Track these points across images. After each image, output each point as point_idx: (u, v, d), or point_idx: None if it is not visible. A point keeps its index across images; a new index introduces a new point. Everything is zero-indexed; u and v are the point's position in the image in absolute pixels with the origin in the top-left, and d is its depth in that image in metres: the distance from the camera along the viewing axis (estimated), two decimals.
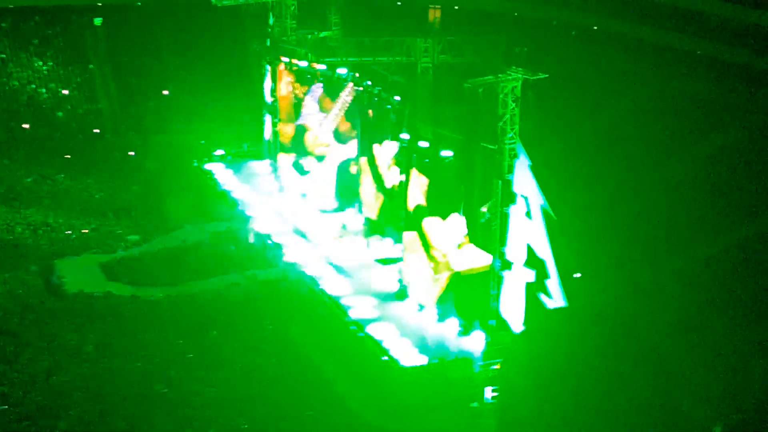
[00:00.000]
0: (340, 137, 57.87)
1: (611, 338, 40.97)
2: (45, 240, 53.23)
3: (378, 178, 52.54)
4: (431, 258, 45.42)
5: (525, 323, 40.80)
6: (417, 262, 46.31)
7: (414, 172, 46.09)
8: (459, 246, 43.81)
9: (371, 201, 54.11)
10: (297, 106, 61.05)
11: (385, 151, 51.33)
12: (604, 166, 53.67)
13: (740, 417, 36.03)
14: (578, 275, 43.99)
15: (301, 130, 60.73)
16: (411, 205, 46.47)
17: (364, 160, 53.81)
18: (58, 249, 52.47)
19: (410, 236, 46.48)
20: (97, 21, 76.00)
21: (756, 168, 49.07)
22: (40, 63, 72.04)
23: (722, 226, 47.01)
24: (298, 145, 61.02)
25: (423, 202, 45.73)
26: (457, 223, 43.57)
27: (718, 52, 56.46)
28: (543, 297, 40.51)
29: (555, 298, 40.52)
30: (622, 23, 62.06)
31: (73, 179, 61.96)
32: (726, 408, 36.53)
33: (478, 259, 43.04)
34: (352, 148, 55.99)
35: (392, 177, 50.68)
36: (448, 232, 44.18)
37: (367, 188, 54.08)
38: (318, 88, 59.02)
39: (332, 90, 56.11)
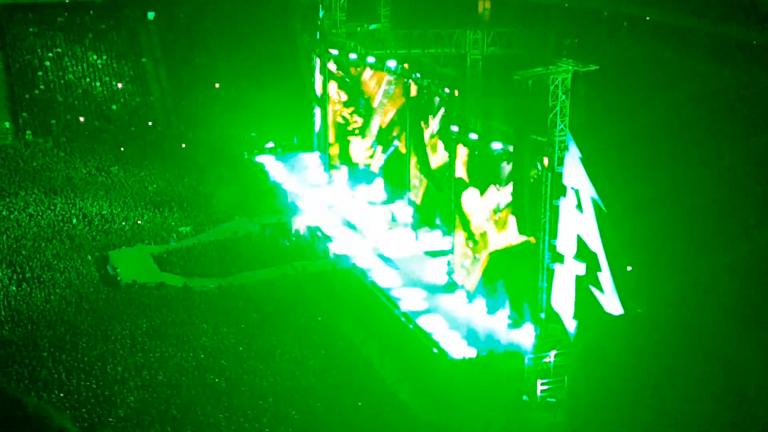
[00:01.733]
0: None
1: (666, 333, 40.61)
2: (100, 231, 53.99)
3: (424, 164, 52.63)
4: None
5: (577, 317, 40.61)
6: (460, 244, 46.42)
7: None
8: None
9: (416, 185, 54.29)
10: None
11: (430, 128, 51.51)
12: (657, 159, 53.13)
13: None
14: (630, 268, 43.69)
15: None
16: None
17: (413, 153, 54.03)
18: (112, 240, 53.22)
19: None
20: (150, 15, 76.88)
21: None
22: (95, 57, 72.98)
23: None
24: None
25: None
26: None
27: None
28: (595, 291, 40.27)
29: (607, 293, 40.26)
30: (675, 13, 61.34)
31: (127, 171, 62.71)
32: None
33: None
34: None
35: (438, 157, 50.79)
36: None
37: (413, 173, 54.30)
38: None
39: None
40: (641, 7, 63.66)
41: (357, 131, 60.30)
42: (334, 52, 59.00)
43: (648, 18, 63.48)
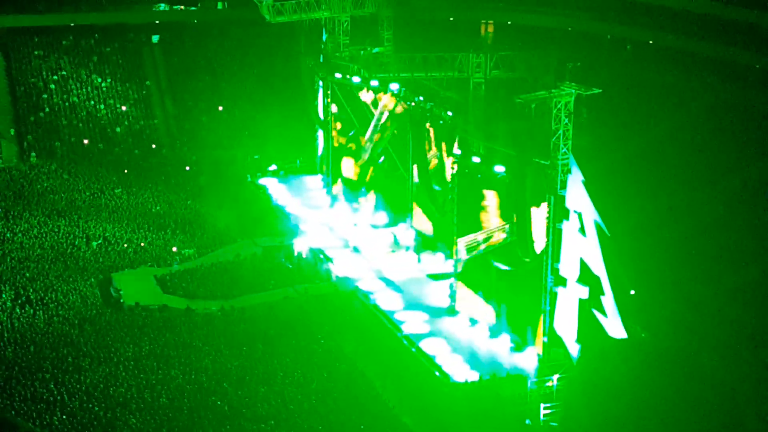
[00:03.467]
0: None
1: (668, 357, 40.55)
2: (103, 253, 54.02)
3: (427, 187, 52.71)
4: None
5: (580, 341, 40.51)
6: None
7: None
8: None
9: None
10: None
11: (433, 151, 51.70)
12: (659, 182, 53.20)
13: None
14: (633, 292, 43.66)
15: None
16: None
17: (416, 175, 54.05)
18: (115, 262, 53.23)
19: None
20: (155, 38, 77.25)
21: None
22: (99, 80, 73.27)
23: None
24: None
25: None
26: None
27: None
28: (599, 315, 40.19)
29: (610, 317, 40.20)
30: (678, 38, 61.57)
31: (131, 193, 62.78)
32: None
33: None
34: None
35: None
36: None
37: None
38: None
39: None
40: (644, 32, 63.95)
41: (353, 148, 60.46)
42: (338, 75, 59.24)
43: (651, 42, 63.75)
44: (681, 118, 57.81)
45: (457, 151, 46.88)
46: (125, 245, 55.10)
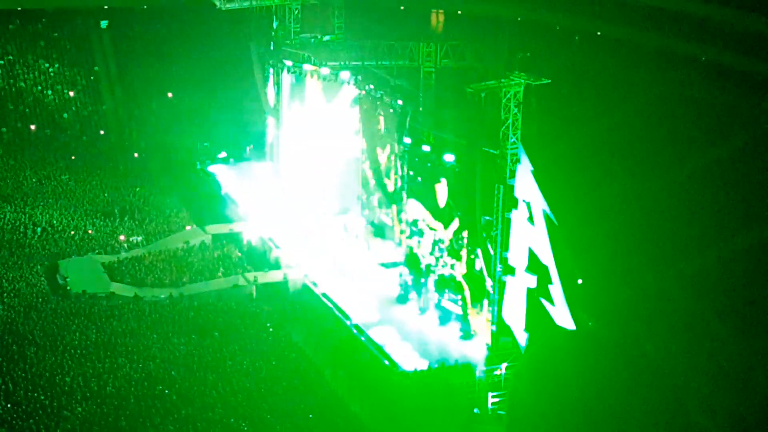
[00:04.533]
0: None
1: (615, 346, 41.01)
2: (49, 240, 53.38)
3: (377, 176, 52.78)
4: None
5: (528, 329, 40.83)
6: None
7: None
8: None
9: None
10: None
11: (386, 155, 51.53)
12: (607, 172, 53.64)
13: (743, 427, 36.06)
14: (581, 281, 44.09)
15: None
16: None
17: (367, 164, 54.04)
18: (62, 249, 52.64)
19: None
20: (103, 24, 76.35)
21: (760, 175, 48.99)
22: (47, 65, 72.28)
23: (727, 233, 46.91)
24: None
25: None
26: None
27: (722, 59, 56.44)
28: (546, 304, 40.53)
29: (558, 306, 40.54)
30: (626, 29, 62.04)
31: (78, 180, 62.14)
32: (729, 418, 36.57)
33: None
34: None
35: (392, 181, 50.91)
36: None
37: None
38: None
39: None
40: (592, 22, 64.36)
41: None
42: (288, 63, 58.98)
43: (599, 33, 64.18)
44: (629, 108, 58.26)
45: (407, 140, 46.93)
46: (72, 232, 54.49)
